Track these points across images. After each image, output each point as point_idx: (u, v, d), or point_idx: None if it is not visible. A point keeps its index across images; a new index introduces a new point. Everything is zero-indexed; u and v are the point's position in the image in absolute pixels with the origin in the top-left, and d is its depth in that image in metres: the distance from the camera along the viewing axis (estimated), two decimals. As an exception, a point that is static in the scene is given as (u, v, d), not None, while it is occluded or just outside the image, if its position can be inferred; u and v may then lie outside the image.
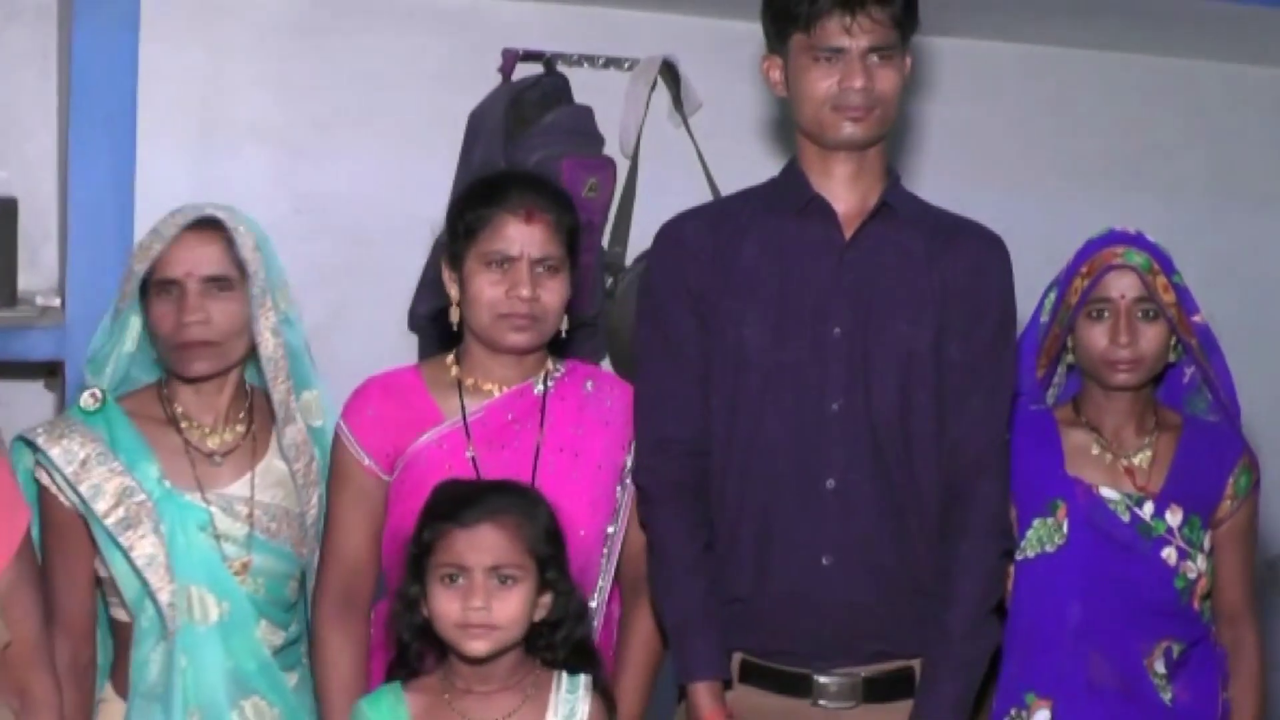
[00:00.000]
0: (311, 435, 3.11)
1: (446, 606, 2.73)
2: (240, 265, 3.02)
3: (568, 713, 2.80)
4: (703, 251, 2.97)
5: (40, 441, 2.99)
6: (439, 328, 3.91)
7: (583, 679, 2.83)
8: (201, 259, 3.00)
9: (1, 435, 2.89)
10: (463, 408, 3.02)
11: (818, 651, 2.92)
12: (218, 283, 3.01)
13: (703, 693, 2.88)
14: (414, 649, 2.82)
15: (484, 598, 2.71)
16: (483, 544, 2.73)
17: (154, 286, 3.01)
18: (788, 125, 3.14)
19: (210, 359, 3.02)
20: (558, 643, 2.83)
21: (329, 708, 2.98)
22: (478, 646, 2.72)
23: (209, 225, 3.02)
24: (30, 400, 3.97)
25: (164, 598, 2.96)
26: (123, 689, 3.05)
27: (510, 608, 2.73)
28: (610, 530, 3.05)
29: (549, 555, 2.79)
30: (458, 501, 2.78)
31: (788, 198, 2.98)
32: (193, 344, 2.99)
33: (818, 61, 2.88)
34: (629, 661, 3.03)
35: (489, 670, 2.77)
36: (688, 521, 2.95)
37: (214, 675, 2.99)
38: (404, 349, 4.15)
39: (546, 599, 2.79)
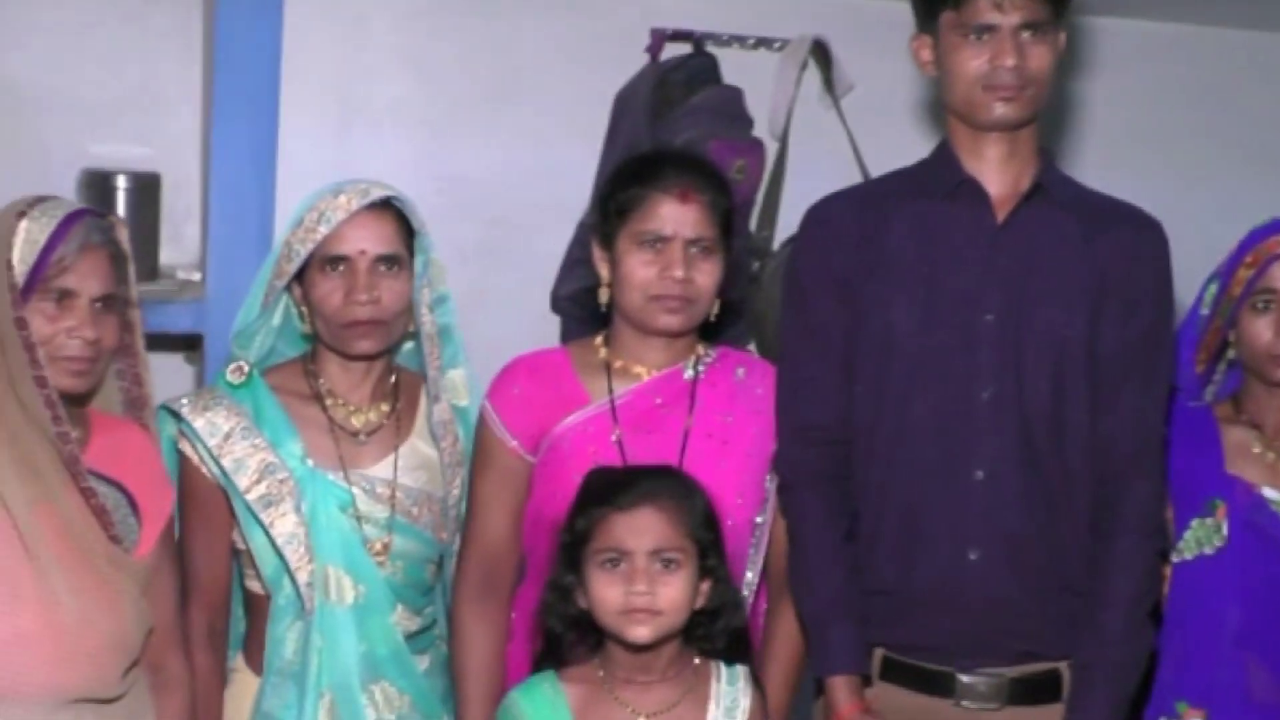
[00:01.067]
0: (456, 414, 3.14)
1: (607, 592, 2.71)
2: (408, 244, 3.07)
3: (730, 704, 2.80)
4: (849, 235, 2.94)
5: (185, 412, 3.04)
6: (582, 310, 3.95)
7: (741, 670, 2.83)
8: (374, 237, 3.03)
9: (150, 413, 2.94)
10: (610, 390, 3.03)
11: (962, 649, 2.89)
12: (387, 261, 3.04)
13: (841, 686, 2.87)
14: (567, 640, 2.81)
15: (647, 582, 2.70)
16: (644, 527, 2.72)
17: (317, 263, 3.04)
18: (939, 107, 3.10)
19: (376, 337, 3.05)
20: (716, 632, 2.82)
21: (465, 694, 3.00)
22: (641, 632, 2.71)
23: (378, 205, 3.06)
24: (170, 373, 4.01)
25: (303, 577, 3.00)
26: (255, 662, 3.10)
27: (673, 592, 2.72)
28: (759, 520, 3.03)
29: (709, 541, 2.78)
30: (614, 486, 2.77)
31: (938, 180, 2.95)
32: (361, 323, 3.03)
33: (968, 39, 2.84)
34: (775, 655, 3.02)
35: (650, 659, 2.76)
36: (828, 510, 2.93)
37: (349, 657, 3.03)
38: (544, 331, 4.14)
39: (705, 586, 2.78)
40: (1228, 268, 3.19)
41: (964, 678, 2.89)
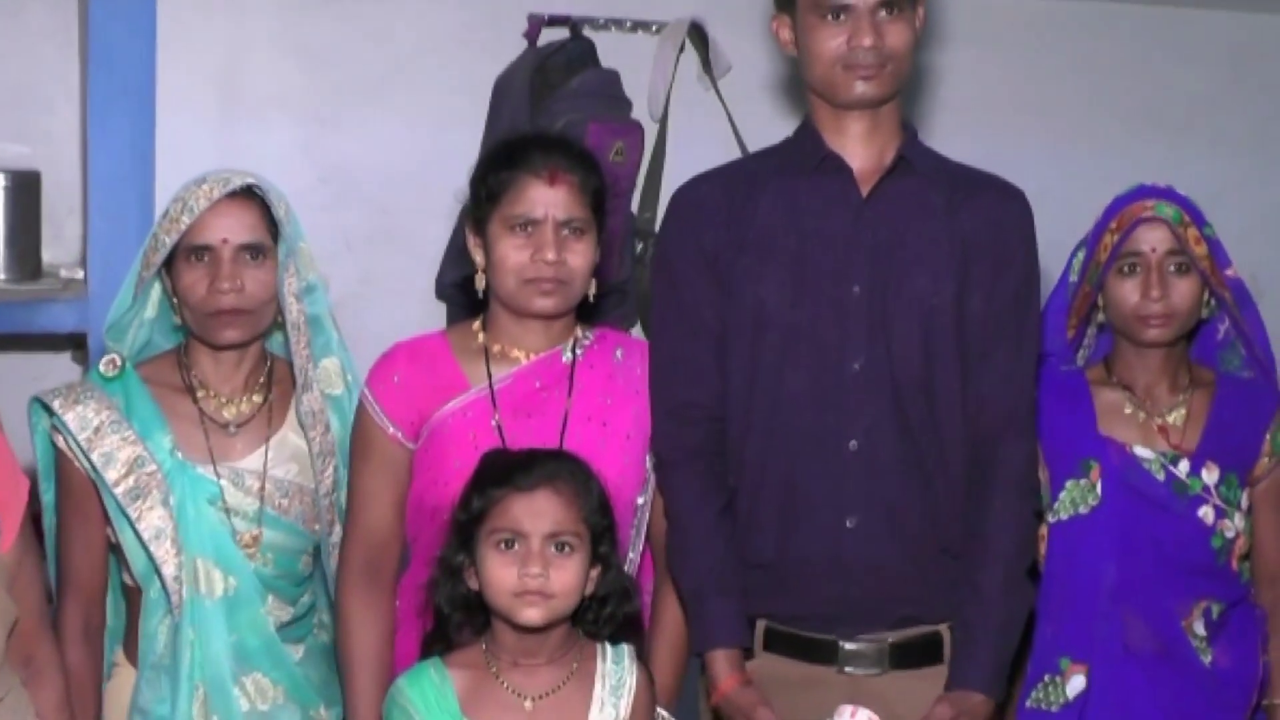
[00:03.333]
0: (330, 404, 3.12)
1: (501, 573, 2.69)
2: (272, 233, 3.05)
3: (615, 683, 2.77)
4: (717, 213, 2.95)
5: (56, 405, 3.02)
6: (467, 296, 3.93)
7: (626, 649, 2.81)
8: (236, 226, 3.02)
9: None
10: (489, 375, 3.00)
11: (843, 616, 2.89)
12: (251, 250, 3.03)
13: (720, 660, 2.86)
14: (454, 620, 2.78)
15: (541, 564, 2.68)
16: (542, 509, 2.70)
17: (182, 253, 3.02)
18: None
19: (242, 327, 3.04)
20: (604, 618, 2.81)
21: (353, 684, 2.98)
22: (532, 614, 2.68)
23: (241, 193, 3.04)
24: (59, 372, 3.98)
25: (169, 571, 2.98)
26: (134, 656, 3.09)
27: (566, 576, 2.70)
28: (640, 501, 3.02)
29: (603, 528, 2.77)
30: (514, 468, 2.75)
31: (802, 156, 2.95)
32: (226, 312, 3.01)
33: (825, 20, 2.85)
34: (661, 634, 3.01)
35: (538, 642, 2.74)
36: (704, 486, 2.92)
37: (219, 650, 3.02)
38: (431, 317, 4.17)
39: (595, 573, 2.77)
40: (1094, 234, 3.22)
41: (846, 644, 2.89)
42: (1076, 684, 3.11)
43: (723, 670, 2.85)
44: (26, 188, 4.00)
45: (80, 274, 4.03)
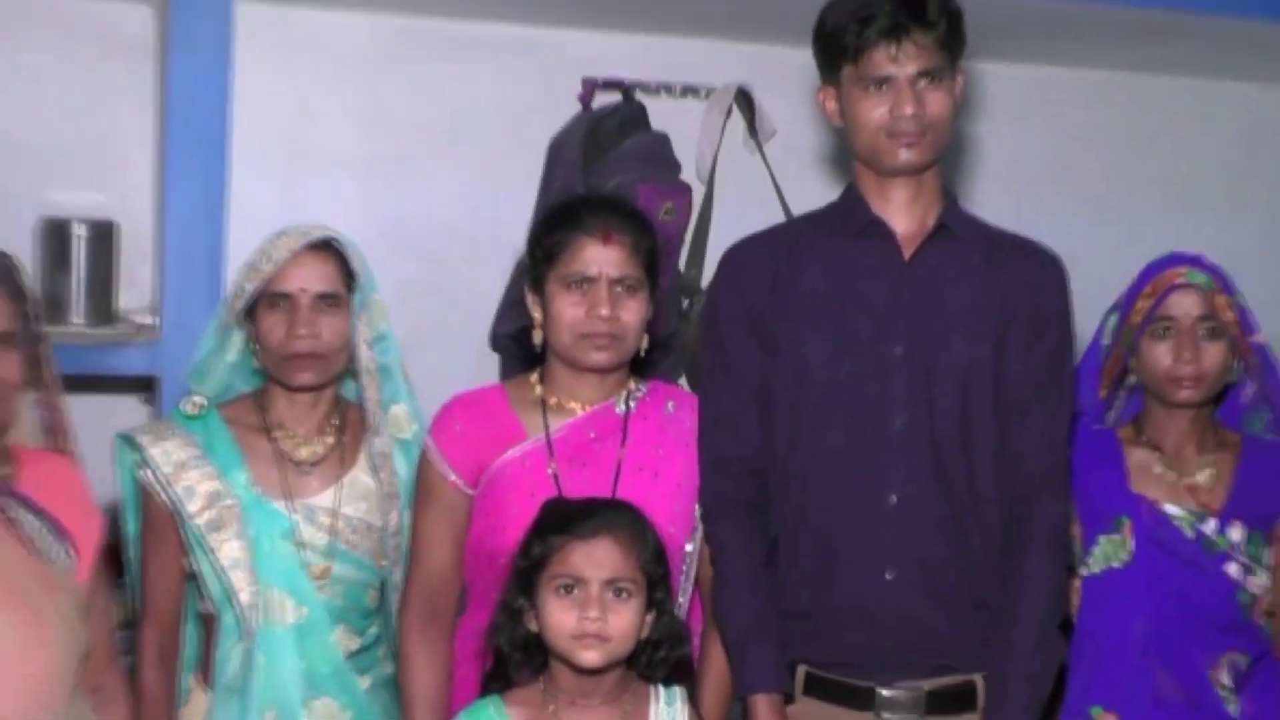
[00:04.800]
0: (398, 448, 3.16)
1: (561, 617, 2.71)
2: (347, 284, 3.11)
3: None
4: (763, 275, 2.96)
5: (142, 441, 3.08)
6: (521, 348, 3.94)
7: (678, 691, 2.82)
8: (314, 276, 3.07)
9: (68, 438, 2.93)
10: (546, 426, 3.02)
11: (880, 664, 2.88)
12: (327, 299, 3.08)
13: (761, 704, 2.87)
14: (514, 660, 2.80)
15: (600, 609, 2.70)
16: (600, 557, 2.72)
17: (263, 301, 3.08)
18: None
19: (316, 370, 3.09)
20: (657, 661, 2.82)
21: (413, 718, 2.99)
22: (591, 657, 2.71)
23: (320, 246, 3.10)
24: (127, 414, 3.97)
25: (244, 598, 3.03)
26: (208, 681, 3.11)
27: (624, 620, 2.72)
28: (689, 548, 3.03)
29: (658, 575, 2.79)
30: (574, 516, 2.78)
31: (847, 221, 2.97)
32: (301, 355, 3.06)
33: (869, 91, 2.87)
34: (707, 677, 3.01)
35: (595, 683, 2.76)
36: (746, 536, 2.93)
37: (289, 675, 3.05)
38: (481, 367, 4.18)
39: (650, 617, 2.78)
40: (1128, 299, 3.23)
41: (884, 691, 2.87)
42: (1107, 731, 3.15)
43: (764, 714, 2.86)
44: (103, 236, 4.00)
45: (152, 319, 4.01)
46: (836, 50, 2.89)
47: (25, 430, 2.86)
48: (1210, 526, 3.14)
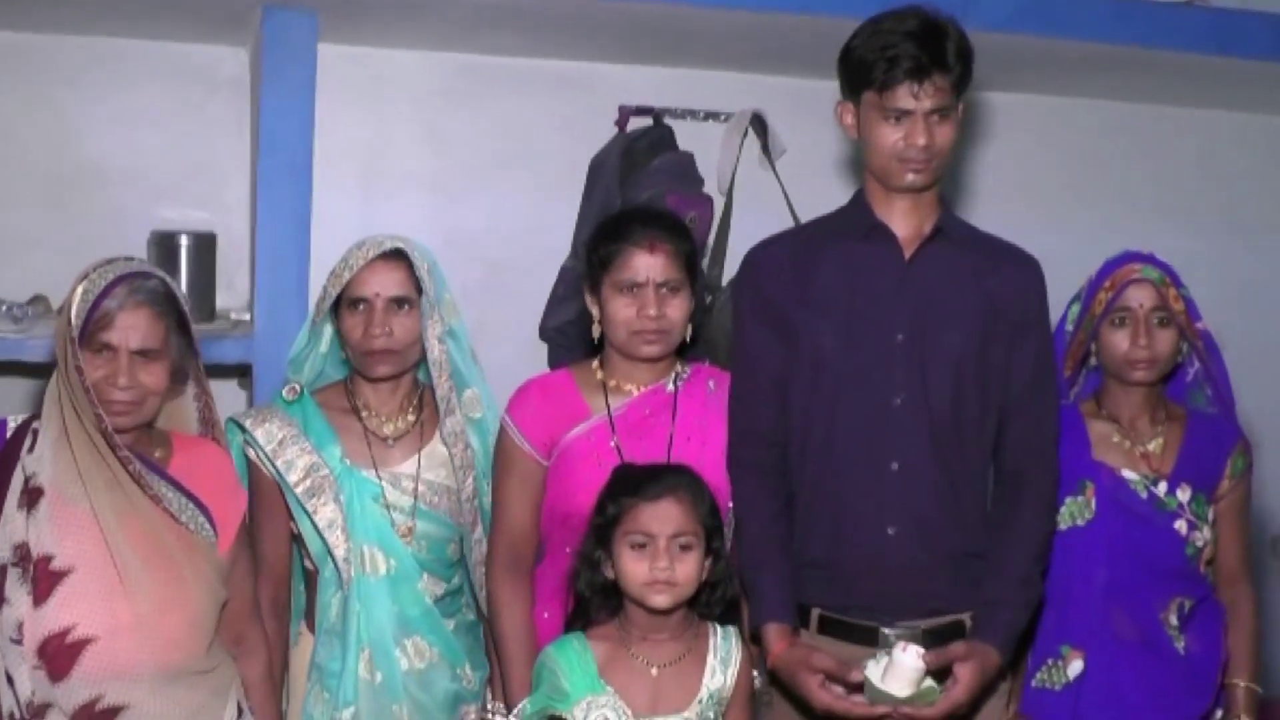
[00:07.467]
0: (472, 426, 3.19)
1: (634, 567, 2.80)
2: (418, 287, 3.12)
3: (724, 656, 2.88)
4: (781, 271, 2.98)
5: (247, 424, 3.14)
6: (565, 339, 4.04)
7: (733, 630, 2.91)
8: (387, 282, 3.10)
9: (219, 427, 3.00)
10: (608, 405, 3.09)
11: (883, 607, 2.92)
12: (399, 302, 3.11)
13: (772, 631, 2.89)
14: (593, 603, 2.88)
15: (668, 560, 2.78)
16: (666, 515, 2.80)
17: (345, 303, 3.11)
18: (858, 165, 3.13)
19: (391, 364, 3.12)
20: (715, 600, 2.90)
21: (506, 651, 3.05)
22: (662, 600, 2.79)
23: (392, 254, 3.12)
24: (227, 396, 4.05)
25: (340, 554, 3.08)
26: (313, 626, 3.18)
27: (688, 568, 2.80)
28: (730, 506, 3.04)
29: (714, 527, 2.86)
30: (641, 480, 2.84)
31: (855, 224, 2.98)
32: (377, 352, 3.10)
33: (887, 120, 2.86)
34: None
35: (664, 621, 2.84)
36: (759, 493, 2.97)
37: (382, 618, 3.10)
38: (534, 356, 4.21)
39: (708, 563, 2.86)
40: (1089, 291, 3.25)
41: (886, 630, 2.91)
42: (1075, 667, 3.14)
43: (774, 638, 2.88)
44: (205, 246, 4.07)
45: (247, 316, 4.08)
46: (864, 76, 2.87)
47: (187, 417, 2.93)
48: (1161, 489, 3.16)
